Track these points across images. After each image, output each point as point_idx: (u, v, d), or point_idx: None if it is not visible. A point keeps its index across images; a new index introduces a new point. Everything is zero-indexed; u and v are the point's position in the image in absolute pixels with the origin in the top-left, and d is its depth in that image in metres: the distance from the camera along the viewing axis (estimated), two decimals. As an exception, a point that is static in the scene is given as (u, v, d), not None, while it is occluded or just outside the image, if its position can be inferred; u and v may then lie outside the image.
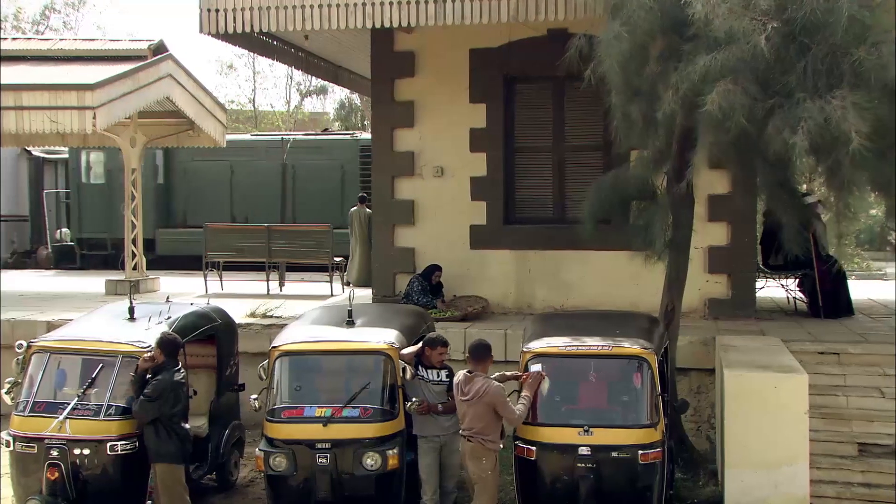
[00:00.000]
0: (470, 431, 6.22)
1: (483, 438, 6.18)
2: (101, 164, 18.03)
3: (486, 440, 6.19)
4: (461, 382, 6.32)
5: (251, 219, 16.06)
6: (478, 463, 6.22)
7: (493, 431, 6.22)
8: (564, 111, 10.48)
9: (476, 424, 6.19)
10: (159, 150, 17.12)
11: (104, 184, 17.97)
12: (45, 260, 18.28)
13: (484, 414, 6.17)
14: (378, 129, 11.01)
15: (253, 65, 32.19)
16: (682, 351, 8.42)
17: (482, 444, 6.19)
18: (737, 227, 10.00)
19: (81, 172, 18.02)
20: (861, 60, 5.66)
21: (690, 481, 7.68)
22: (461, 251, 10.64)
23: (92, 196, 17.82)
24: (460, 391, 6.29)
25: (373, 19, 8.75)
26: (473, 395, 6.17)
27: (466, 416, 6.25)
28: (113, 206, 17.37)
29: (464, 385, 6.28)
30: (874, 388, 7.86)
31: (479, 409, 6.17)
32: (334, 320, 7.44)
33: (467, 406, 6.22)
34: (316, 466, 6.40)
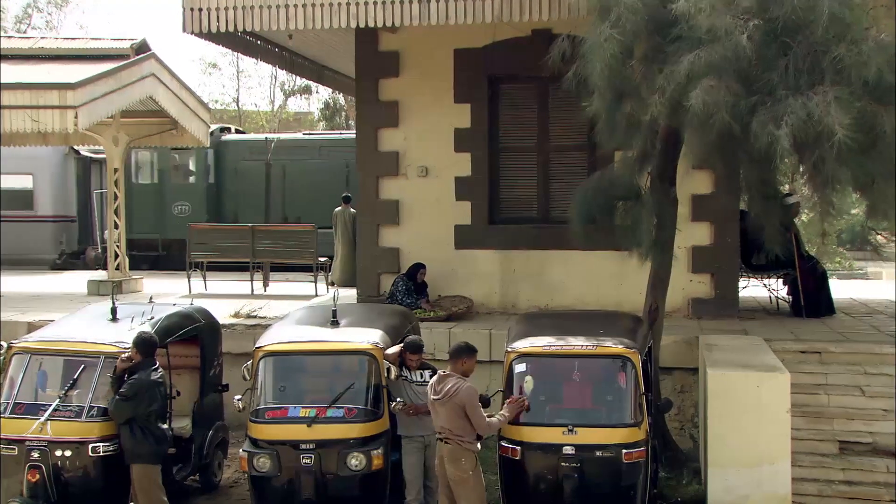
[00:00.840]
0: (446, 432, 6.14)
1: (461, 440, 6.09)
2: (150, 163, 17.85)
3: (463, 441, 6.10)
4: (434, 382, 6.26)
5: (303, 218, 15.71)
6: (457, 464, 6.13)
7: (467, 432, 6.12)
8: (549, 111, 10.50)
9: (450, 425, 6.11)
10: (210, 150, 16.88)
11: (154, 184, 17.74)
12: (94, 261, 17.90)
13: (455, 414, 6.09)
14: (363, 129, 11.00)
15: (237, 64, 32.09)
16: (665, 350, 8.45)
17: (459, 444, 6.10)
18: (720, 227, 10.06)
19: (131, 172, 17.65)
20: (841, 57, 5.71)
21: (674, 480, 7.71)
22: (446, 251, 10.64)
23: (141, 196, 17.42)
24: (433, 390, 6.22)
25: (357, 19, 8.73)
26: (444, 395, 6.10)
27: (440, 416, 6.15)
28: (163, 207, 17.30)
29: (437, 384, 6.21)
30: (855, 387, 7.92)
31: (450, 408, 6.09)
32: (319, 320, 7.42)
33: (439, 405, 6.15)
34: (300, 467, 6.38)
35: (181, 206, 17.42)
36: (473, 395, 6.13)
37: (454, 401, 6.08)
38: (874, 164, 5.99)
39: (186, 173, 18.07)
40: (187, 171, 18.04)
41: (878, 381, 7.95)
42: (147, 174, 17.89)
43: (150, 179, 17.83)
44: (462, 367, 6.25)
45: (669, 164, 7.76)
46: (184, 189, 17.72)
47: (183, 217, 16.80)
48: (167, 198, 17.51)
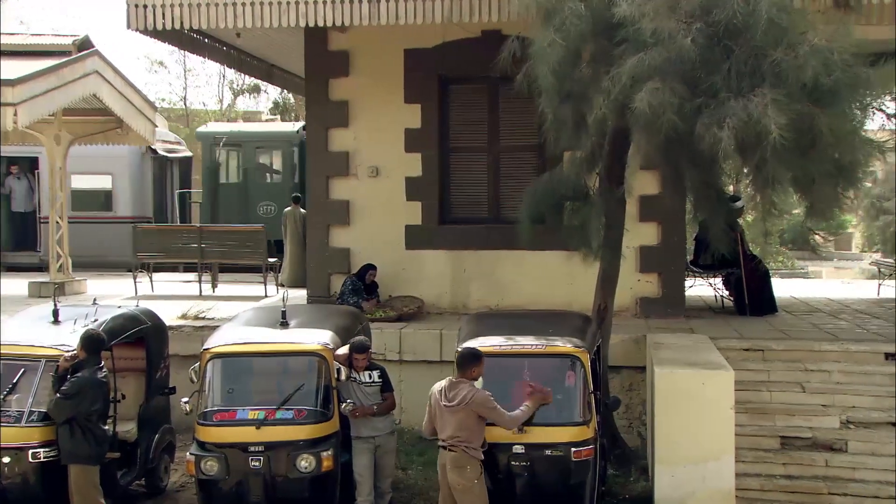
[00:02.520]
0: (453, 440, 5.98)
1: (467, 447, 5.99)
2: (236, 162, 17.26)
3: (470, 448, 6.00)
4: (444, 389, 6.09)
5: None
6: (461, 472, 5.99)
7: (477, 439, 6.04)
8: (499, 112, 10.56)
9: (461, 433, 5.98)
10: (296, 147, 16.30)
11: (240, 183, 17.03)
12: None
13: (470, 421, 6.00)
14: (313, 128, 10.92)
15: (184, 62, 31.57)
16: (614, 349, 8.55)
17: (466, 452, 5.99)
18: (667, 227, 10.21)
19: (217, 171, 17.12)
20: (780, 61, 5.84)
21: (622, 477, 7.82)
22: (396, 251, 10.62)
23: (227, 196, 16.76)
24: (444, 397, 6.03)
25: (306, 18, 8.66)
26: (460, 402, 5.97)
27: (448, 424, 6.00)
28: (250, 207, 16.59)
29: (448, 391, 6.06)
30: (796, 384, 8.12)
31: (465, 416, 5.98)
32: (268, 321, 7.36)
33: (450, 413, 5.99)
34: (249, 470, 6.31)
35: (266, 206, 16.62)
36: (489, 398, 6.06)
37: (471, 407, 5.99)
38: (813, 164, 6.14)
39: (272, 172, 17.42)
40: (273, 170, 17.39)
41: (818, 378, 8.16)
42: (233, 173, 17.20)
43: (236, 178, 17.12)
44: (472, 374, 6.12)
45: (617, 165, 7.85)
46: (269, 188, 17.01)
47: (269, 217, 15.88)
48: (252, 197, 16.71)
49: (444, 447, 6.07)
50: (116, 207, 16.72)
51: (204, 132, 18.20)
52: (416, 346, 9.38)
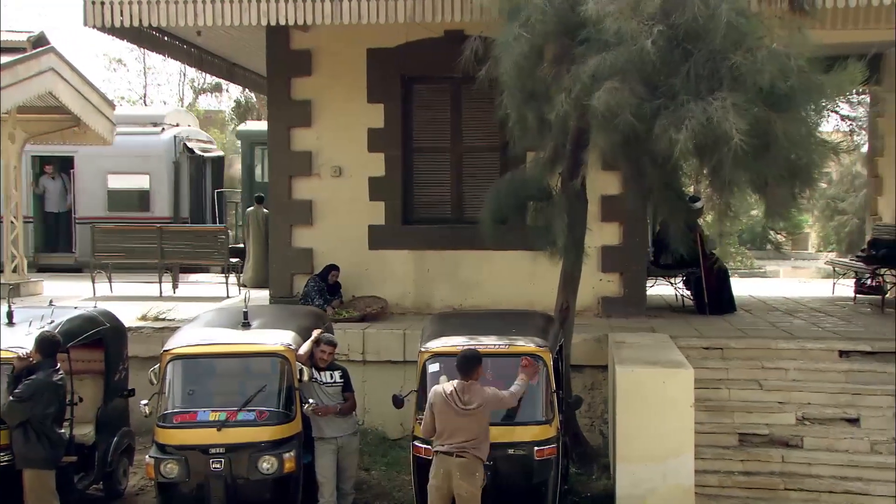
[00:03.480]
0: (465, 445, 5.86)
1: (478, 453, 5.91)
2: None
3: (480, 453, 5.93)
4: (456, 393, 5.92)
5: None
6: (471, 479, 5.86)
7: (486, 442, 5.98)
8: (462, 112, 10.57)
9: (475, 438, 5.90)
10: None
11: None
12: None
13: (484, 424, 5.95)
14: (275, 128, 10.83)
15: (143, 60, 31.13)
16: (576, 348, 8.62)
17: (476, 457, 5.90)
18: (628, 227, 10.30)
19: (252, 168, 16.82)
20: (738, 65, 5.93)
21: (584, 476, 7.88)
22: (360, 251, 10.59)
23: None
24: (457, 402, 5.89)
25: (268, 17, 8.58)
26: (479, 405, 5.89)
27: (462, 429, 5.86)
28: None
29: (461, 395, 5.91)
30: (754, 381, 8.25)
31: (479, 417, 5.92)
32: (229, 322, 7.29)
33: (466, 417, 5.87)
34: (210, 472, 6.25)
35: None
36: (496, 390, 6.05)
37: (487, 408, 5.97)
38: (768, 167, 6.24)
39: None
40: None
41: (775, 375, 8.30)
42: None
43: None
44: (477, 376, 6.07)
45: (579, 165, 7.90)
46: None
47: None
48: None
49: (449, 453, 5.90)
50: (153, 208, 16.30)
51: (244, 131, 18.15)
52: (380, 346, 9.36)
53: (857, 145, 15.87)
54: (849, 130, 7.63)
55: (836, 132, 7.75)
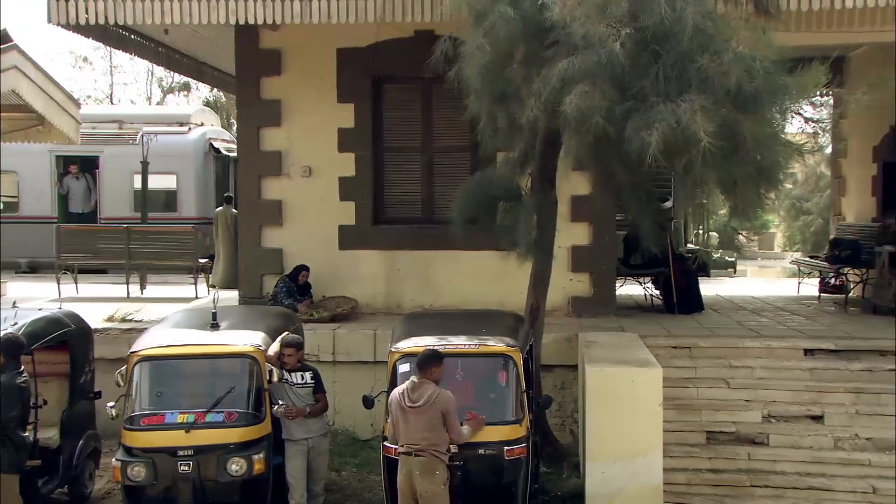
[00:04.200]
0: (421, 443, 5.86)
1: (435, 450, 5.89)
2: None
3: (438, 451, 5.90)
4: (407, 391, 5.96)
5: None
6: (431, 477, 5.84)
7: (443, 442, 5.92)
8: (432, 112, 10.57)
9: (427, 434, 5.87)
10: None
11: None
12: None
13: (434, 422, 5.90)
14: (244, 127, 10.78)
15: (110, 58, 30.74)
16: (546, 348, 8.65)
17: (434, 455, 5.88)
18: (598, 228, 10.37)
19: None
20: (706, 67, 6.00)
21: (555, 475, 7.91)
22: (330, 252, 10.55)
23: None
24: (406, 399, 5.93)
25: (236, 15, 8.52)
26: (425, 402, 5.88)
27: (413, 427, 5.87)
28: None
29: (411, 392, 5.94)
30: (721, 380, 8.34)
31: (430, 416, 5.89)
32: (198, 323, 7.22)
33: (414, 415, 5.88)
34: (177, 474, 6.18)
35: None
36: (454, 402, 6.00)
37: (436, 408, 5.91)
38: (736, 168, 6.31)
39: None
40: None
41: (741, 374, 8.40)
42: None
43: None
44: (433, 375, 6.04)
45: (549, 166, 7.95)
46: None
47: None
48: None
49: (408, 453, 5.90)
50: (181, 208, 16.17)
51: None
52: (350, 346, 9.33)
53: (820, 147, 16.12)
54: (813, 132, 7.73)
55: (801, 134, 7.84)
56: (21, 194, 16.05)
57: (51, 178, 16.08)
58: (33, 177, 15.94)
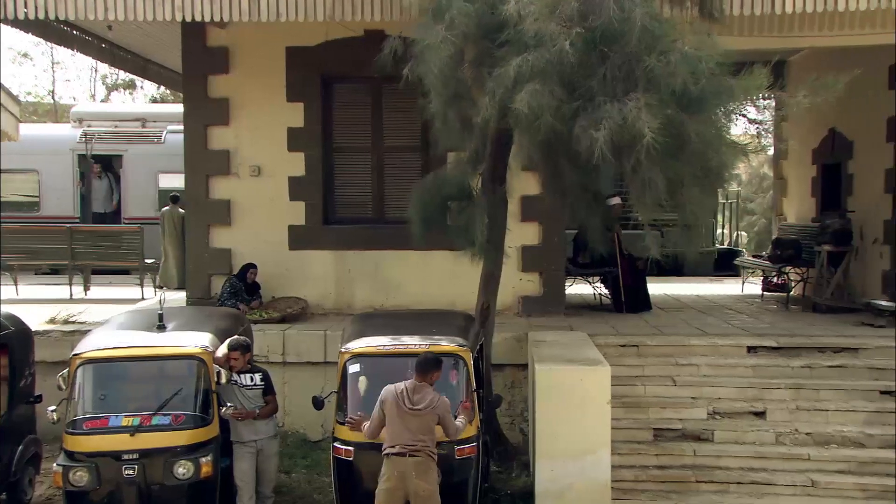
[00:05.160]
0: (418, 444, 5.88)
1: (431, 451, 5.94)
2: None
3: (433, 452, 5.96)
4: (406, 392, 5.95)
5: None
6: (428, 477, 5.88)
7: (434, 442, 5.99)
8: (383, 112, 10.55)
9: (425, 437, 5.91)
10: None
11: None
12: None
13: (432, 425, 5.97)
14: (191, 126, 10.60)
15: (51, 54, 30.02)
16: (497, 347, 8.70)
17: (430, 456, 5.92)
18: (547, 227, 10.45)
19: None
20: (652, 67, 6.08)
21: (505, 473, 7.95)
22: (280, 252, 10.46)
23: None
24: (407, 401, 5.92)
25: (182, 12, 8.36)
26: (427, 406, 5.92)
27: (410, 428, 5.88)
28: None
29: (412, 394, 5.94)
30: (668, 377, 8.47)
31: (430, 420, 5.94)
32: (144, 325, 7.10)
33: (414, 417, 5.89)
34: (122, 479, 6.08)
35: None
36: (449, 404, 6.10)
37: (437, 412, 5.97)
38: (682, 167, 6.41)
39: None
40: None
41: (687, 371, 8.55)
42: None
43: None
44: (432, 379, 6.08)
45: (500, 166, 7.99)
46: None
47: None
48: None
49: (401, 454, 5.88)
50: None
51: None
52: (300, 347, 9.27)
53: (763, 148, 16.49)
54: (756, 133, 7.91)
55: (745, 135, 8.00)
56: (42, 194, 15.70)
57: (73, 177, 15.76)
58: (55, 176, 15.62)
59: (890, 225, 10.36)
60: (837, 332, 9.33)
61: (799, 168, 13.73)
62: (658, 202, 6.47)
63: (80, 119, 16.15)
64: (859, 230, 11.23)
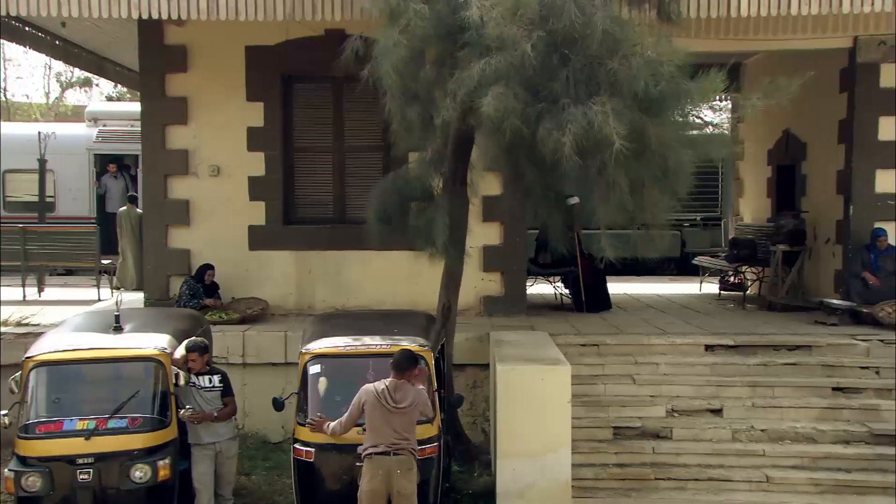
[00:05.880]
0: (402, 443, 5.89)
1: (413, 449, 5.95)
2: None
3: (416, 450, 5.98)
4: (388, 391, 5.93)
5: None
6: (410, 476, 5.90)
7: (416, 440, 6.03)
8: (344, 112, 10.50)
9: (408, 434, 5.92)
10: None
11: None
12: None
13: (413, 423, 5.99)
14: (149, 125, 10.45)
15: (2, 51, 29.34)
16: (458, 347, 8.71)
17: (412, 453, 5.94)
18: (509, 228, 10.48)
19: None
20: (615, 71, 6.14)
21: (466, 473, 7.97)
22: (239, 252, 10.36)
23: None
24: (389, 399, 5.91)
25: (139, 10, 8.23)
26: (410, 404, 5.93)
27: (393, 427, 5.88)
28: None
29: (393, 393, 5.93)
30: (627, 376, 8.57)
31: (412, 417, 5.97)
32: (100, 326, 7.00)
33: (398, 416, 5.90)
34: (77, 484, 5.99)
35: None
36: (426, 395, 6.22)
37: (418, 409, 6.01)
38: (644, 169, 6.49)
39: None
40: None
41: (647, 370, 8.65)
42: None
43: None
44: (410, 376, 6.07)
45: (461, 166, 8.00)
46: None
47: None
48: None
49: (386, 453, 5.87)
50: None
51: None
52: (261, 348, 9.19)
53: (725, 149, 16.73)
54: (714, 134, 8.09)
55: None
56: (58, 194, 15.47)
57: (89, 177, 15.50)
58: (70, 176, 15.39)
59: (842, 225, 10.58)
60: (792, 330, 9.52)
61: (755, 169, 13.97)
62: (622, 204, 6.53)
63: (94, 118, 16.02)
64: (813, 230, 11.46)
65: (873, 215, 10.22)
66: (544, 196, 8.07)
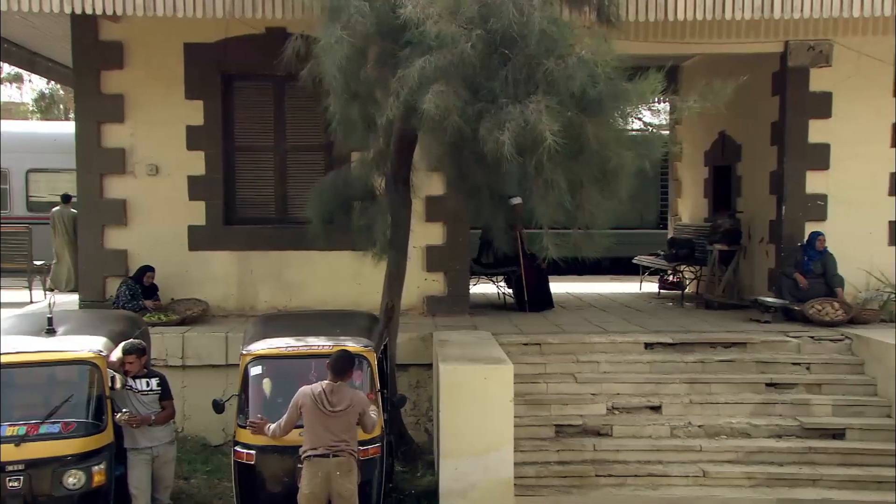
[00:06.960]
0: (340, 445, 5.86)
1: (353, 450, 5.92)
2: None
3: (355, 451, 5.95)
4: (324, 394, 5.88)
5: None
6: (350, 477, 5.87)
7: (356, 441, 5.99)
8: (285, 111, 10.41)
9: (346, 436, 5.88)
10: None
11: None
12: None
13: (352, 424, 5.94)
14: (83, 123, 10.20)
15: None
16: (401, 347, 8.70)
17: (352, 454, 5.91)
18: (451, 228, 10.51)
19: None
20: (552, 70, 6.21)
21: (409, 473, 7.97)
22: (179, 253, 10.19)
23: None
24: (325, 403, 5.85)
25: (72, 5, 8.03)
26: (347, 405, 5.88)
27: (331, 430, 5.85)
28: None
29: (329, 396, 5.88)
30: (569, 375, 8.66)
31: (350, 419, 5.92)
32: (32, 329, 6.82)
33: (335, 418, 5.86)
34: (6, 492, 5.81)
35: None
36: (367, 399, 6.13)
37: (356, 410, 5.94)
38: (581, 168, 6.57)
39: None
40: None
41: (588, 368, 8.75)
42: None
43: None
44: (348, 377, 6.03)
45: (404, 166, 8.00)
46: None
47: None
48: None
49: (325, 455, 5.84)
50: None
51: None
52: (201, 350, 9.05)
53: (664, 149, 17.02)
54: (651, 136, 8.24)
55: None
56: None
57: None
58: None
59: (775, 225, 10.87)
60: (728, 328, 9.74)
61: (692, 170, 14.26)
62: (560, 203, 6.60)
63: None
64: (747, 230, 11.75)
65: (805, 215, 10.52)
66: (488, 196, 8.12)
